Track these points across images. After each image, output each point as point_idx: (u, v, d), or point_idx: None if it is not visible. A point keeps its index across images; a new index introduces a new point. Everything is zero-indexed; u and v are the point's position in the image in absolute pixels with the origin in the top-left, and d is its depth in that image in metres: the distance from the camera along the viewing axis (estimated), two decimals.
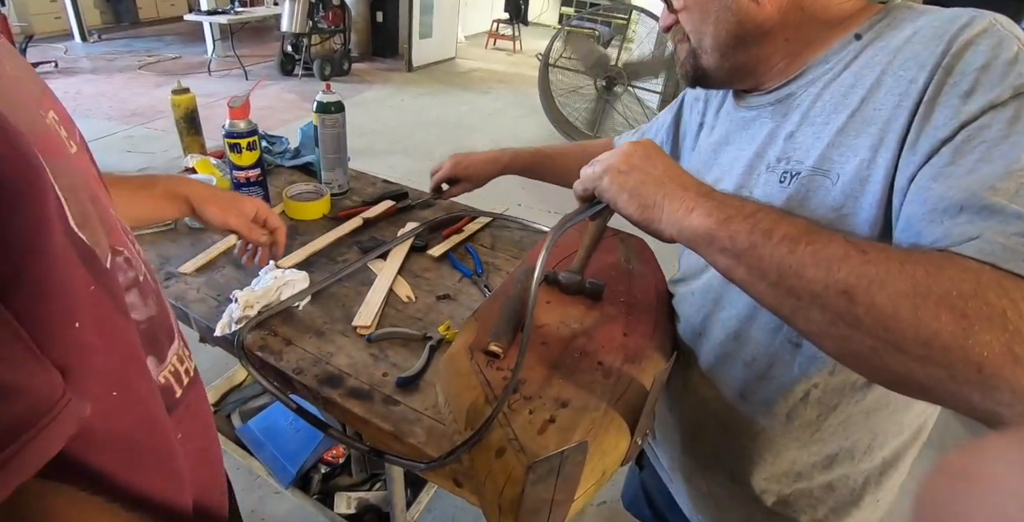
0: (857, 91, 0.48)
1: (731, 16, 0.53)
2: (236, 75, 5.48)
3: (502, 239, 1.09)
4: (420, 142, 4.28)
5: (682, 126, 0.80)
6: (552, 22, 9.82)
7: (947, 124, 0.41)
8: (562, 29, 4.32)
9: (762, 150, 0.56)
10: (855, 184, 0.47)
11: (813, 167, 0.50)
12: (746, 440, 0.63)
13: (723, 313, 0.62)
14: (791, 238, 0.40)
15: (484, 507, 0.52)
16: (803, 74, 0.54)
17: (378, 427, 0.64)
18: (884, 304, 0.35)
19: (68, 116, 0.42)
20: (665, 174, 0.49)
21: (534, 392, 0.55)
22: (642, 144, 0.53)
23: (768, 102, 0.57)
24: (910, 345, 0.34)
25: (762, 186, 0.55)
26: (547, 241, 0.52)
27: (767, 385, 0.59)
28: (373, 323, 0.81)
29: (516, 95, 5.75)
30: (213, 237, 1.00)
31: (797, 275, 0.39)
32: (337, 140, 1.15)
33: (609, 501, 1.57)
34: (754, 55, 0.56)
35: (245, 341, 0.76)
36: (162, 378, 0.46)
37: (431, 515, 1.47)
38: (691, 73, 0.61)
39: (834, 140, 0.49)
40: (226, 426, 1.42)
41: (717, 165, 0.64)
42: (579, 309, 0.67)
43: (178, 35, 7.19)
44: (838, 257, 0.38)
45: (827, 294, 0.38)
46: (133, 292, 0.42)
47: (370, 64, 6.62)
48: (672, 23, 0.60)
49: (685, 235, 0.46)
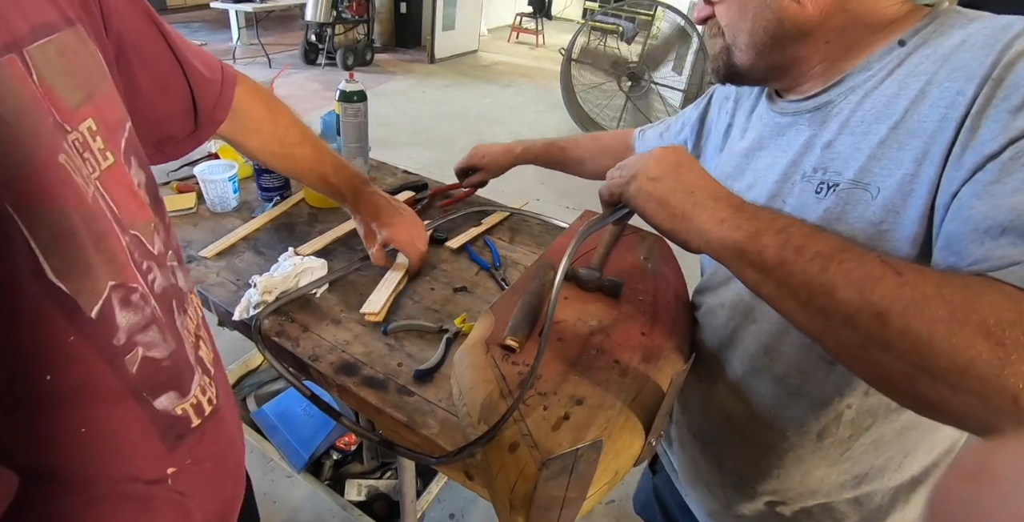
0: (900, 101, 0.46)
1: (770, 14, 0.51)
2: (260, 63, 5.52)
3: (521, 233, 1.08)
4: (440, 134, 4.28)
5: (708, 124, 0.78)
6: (575, 17, 9.75)
7: (994, 139, 0.39)
8: (585, 24, 4.28)
9: (798, 159, 0.54)
10: (897, 198, 0.45)
11: (852, 180, 0.48)
12: (773, 457, 0.61)
13: (754, 326, 0.59)
14: (824, 255, 0.39)
15: (495, 502, 0.52)
16: (843, 81, 0.52)
17: (392, 417, 0.65)
18: (919, 329, 0.34)
19: (114, 116, 0.41)
20: (696, 183, 0.48)
21: (549, 388, 0.54)
22: (673, 150, 0.51)
23: (805, 109, 0.55)
24: (944, 372, 0.33)
25: (796, 196, 0.53)
26: (572, 243, 0.51)
27: (798, 402, 0.57)
28: (382, 312, 0.81)
29: (538, 89, 5.72)
30: (234, 222, 1.01)
31: (828, 295, 0.38)
32: (359, 129, 1.15)
33: (619, 500, 1.57)
34: (791, 56, 0.53)
35: (262, 326, 0.76)
36: (179, 410, 0.45)
37: (441, 506, 1.48)
38: (723, 70, 0.58)
39: (875, 152, 0.47)
40: (241, 409, 1.44)
41: (750, 170, 0.62)
42: (597, 306, 0.67)
43: (205, 22, 7.26)
44: (872, 278, 0.36)
45: (859, 316, 0.36)
46: (150, 331, 0.41)
47: (392, 55, 6.63)
48: (708, 15, 0.57)
49: (713, 247, 0.45)
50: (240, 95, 0.69)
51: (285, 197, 1.10)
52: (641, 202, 0.50)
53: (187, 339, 0.47)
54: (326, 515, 1.47)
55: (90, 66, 0.39)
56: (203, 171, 1.02)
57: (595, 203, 0.60)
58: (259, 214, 1.04)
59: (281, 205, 1.08)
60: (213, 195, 1.03)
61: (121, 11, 0.48)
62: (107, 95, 0.41)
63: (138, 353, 0.40)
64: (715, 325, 0.65)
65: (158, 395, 0.42)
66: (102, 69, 0.41)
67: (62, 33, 0.36)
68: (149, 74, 0.54)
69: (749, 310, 0.60)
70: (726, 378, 0.64)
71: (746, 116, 0.67)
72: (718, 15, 0.56)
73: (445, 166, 1.15)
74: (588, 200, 0.99)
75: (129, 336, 0.39)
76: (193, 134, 0.65)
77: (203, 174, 1.02)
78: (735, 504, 0.68)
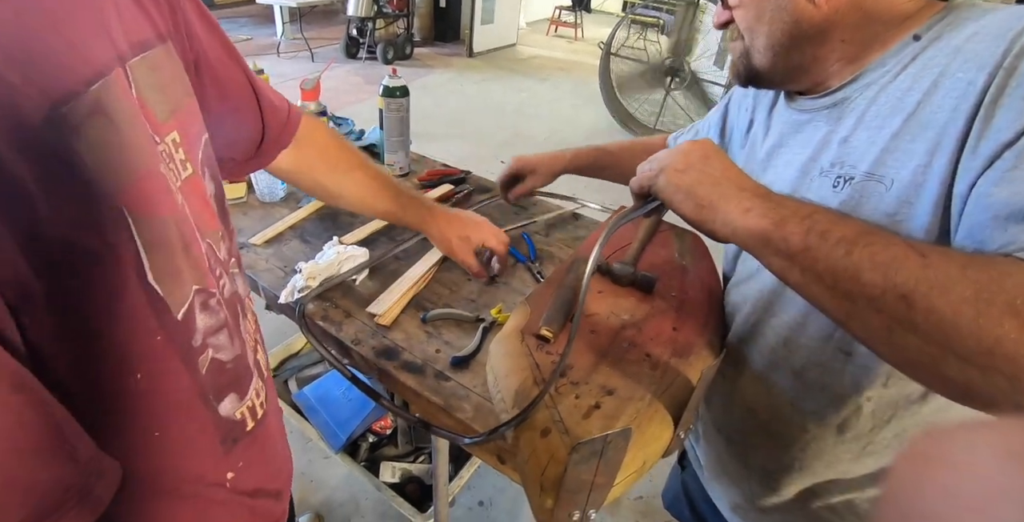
0: (913, 94, 0.47)
1: (786, 16, 0.52)
2: (303, 57, 5.65)
3: (557, 228, 1.10)
4: (478, 127, 4.31)
5: (729, 123, 0.78)
6: (615, 10, 9.60)
7: (1010, 127, 0.39)
8: (625, 17, 4.23)
9: (816, 155, 0.55)
10: (910, 190, 0.46)
11: (867, 172, 0.49)
12: (796, 451, 0.62)
13: (774, 319, 0.60)
14: (848, 240, 0.39)
15: (525, 484, 0.54)
16: (859, 77, 0.52)
17: (429, 400, 0.68)
18: (944, 310, 0.34)
19: (194, 130, 0.44)
20: (722, 174, 0.49)
21: (581, 378, 0.56)
22: (701, 143, 0.53)
23: (823, 106, 0.56)
24: (971, 353, 0.33)
25: (815, 191, 0.54)
26: (602, 235, 0.52)
27: (818, 396, 0.58)
28: (389, 315, 0.79)
29: (575, 83, 5.68)
30: (282, 211, 1.05)
31: (854, 278, 0.38)
32: (401, 124, 1.18)
33: (646, 496, 1.58)
34: (809, 56, 0.54)
35: (307, 310, 0.80)
36: (238, 414, 0.48)
37: (470, 493, 1.52)
38: (743, 73, 0.60)
39: (889, 145, 0.47)
40: (283, 391, 1.51)
41: (772, 168, 0.63)
42: (630, 301, 0.68)
43: (250, 17, 7.46)
44: (897, 260, 0.37)
45: (884, 298, 0.37)
46: (221, 334, 0.43)
47: (432, 49, 6.68)
48: (727, 20, 0.59)
49: (740, 236, 0.46)
50: (306, 122, 0.70)
51: None
52: (669, 193, 0.51)
53: (248, 343, 0.49)
54: (360, 495, 1.52)
55: (176, 81, 0.42)
56: None
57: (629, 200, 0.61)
58: (305, 204, 1.09)
59: None
60: (262, 185, 1.08)
61: (200, 34, 0.49)
62: (190, 109, 0.43)
63: (208, 355, 0.42)
64: (738, 320, 0.66)
65: (222, 398, 0.45)
66: (186, 84, 0.44)
67: (155, 49, 0.38)
68: (221, 95, 0.55)
69: (769, 304, 0.61)
70: (749, 372, 0.65)
71: (766, 113, 0.67)
72: (736, 19, 0.57)
73: (482, 159, 1.17)
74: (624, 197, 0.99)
75: (204, 338, 0.41)
76: (255, 158, 0.66)
77: None
78: (759, 498, 0.68)
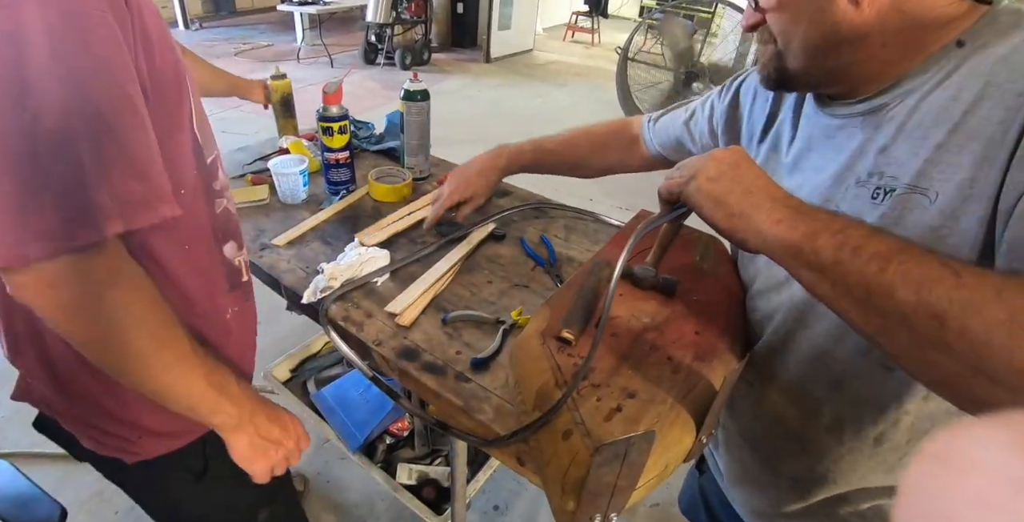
0: (959, 104, 0.45)
1: (826, 18, 0.50)
2: (323, 63, 5.73)
3: (576, 231, 1.10)
4: (494, 133, 4.32)
5: (741, 112, 0.75)
6: (632, 15, 9.61)
7: None
8: (643, 22, 4.23)
9: (851, 163, 0.54)
10: (956, 203, 0.44)
11: (910, 185, 0.47)
12: (829, 461, 0.61)
13: (808, 331, 0.59)
14: (881, 256, 0.39)
15: (547, 486, 0.54)
16: (898, 84, 0.50)
17: (449, 401, 0.68)
18: (977, 330, 0.34)
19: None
20: (754, 183, 0.48)
21: (602, 381, 0.56)
22: (732, 151, 0.52)
23: (858, 112, 0.54)
24: (1003, 375, 0.33)
25: (851, 201, 0.52)
26: (629, 242, 0.52)
27: (854, 409, 0.56)
28: (408, 315, 0.80)
29: (592, 89, 5.68)
30: (303, 213, 1.07)
31: (886, 295, 0.38)
32: (421, 127, 1.19)
33: (663, 503, 1.56)
34: (846, 60, 0.52)
35: (329, 311, 0.81)
36: (238, 261, 0.67)
37: (485, 497, 1.52)
38: (773, 76, 0.58)
39: (933, 156, 0.46)
40: (302, 392, 1.52)
41: (799, 171, 0.61)
42: (651, 304, 0.67)
43: (271, 24, 7.59)
44: (931, 278, 0.36)
45: (917, 316, 0.36)
46: (227, 192, 0.64)
47: (449, 54, 6.73)
48: (757, 22, 0.57)
49: (770, 246, 0.46)
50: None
51: (351, 191, 1.16)
52: (699, 201, 0.51)
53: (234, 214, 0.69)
54: (376, 497, 1.53)
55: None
56: (276, 165, 1.09)
57: (645, 202, 0.61)
58: (327, 206, 1.10)
59: (347, 198, 1.13)
60: (285, 187, 1.10)
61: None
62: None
63: (221, 203, 0.62)
64: (769, 330, 0.65)
65: (226, 241, 0.64)
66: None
67: None
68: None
69: (802, 315, 0.59)
70: (779, 382, 0.64)
71: (791, 112, 0.65)
72: (770, 21, 0.55)
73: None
74: (640, 199, 0.98)
75: (220, 188, 0.62)
76: None
77: (276, 168, 1.08)
78: (785, 505, 0.67)
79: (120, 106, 0.43)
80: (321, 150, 1.12)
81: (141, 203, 0.45)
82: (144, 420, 0.61)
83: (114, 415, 0.60)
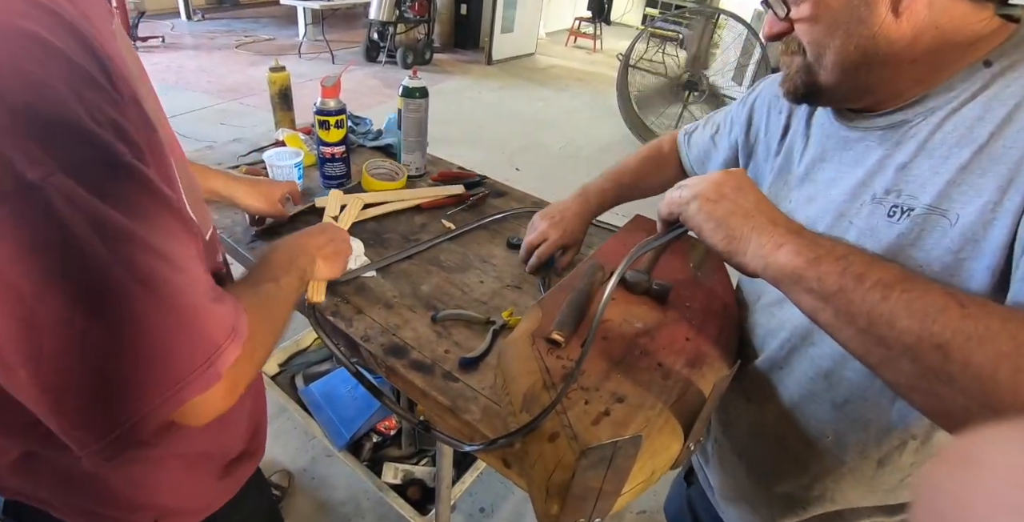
0: (985, 125, 0.44)
1: (865, 31, 0.47)
2: (324, 58, 5.72)
3: None
4: (493, 135, 4.33)
5: (755, 124, 0.75)
6: (635, 22, 9.66)
7: None
8: (645, 30, 4.25)
9: (868, 179, 0.52)
10: (977, 227, 0.43)
11: (930, 205, 0.46)
12: (828, 481, 0.60)
13: (812, 349, 0.58)
14: (885, 284, 0.38)
15: (531, 489, 0.54)
16: (922, 100, 0.49)
17: (436, 400, 0.67)
18: (982, 363, 0.33)
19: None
20: (755, 207, 0.48)
21: (592, 384, 0.55)
22: (734, 173, 0.51)
23: (877, 126, 0.53)
24: (1008, 408, 0.32)
25: (866, 218, 0.51)
26: (626, 258, 0.52)
27: (859, 430, 0.56)
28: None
29: (593, 94, 5.70)
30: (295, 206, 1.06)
31: (889, 324, 0.37)
32: (419, 124, 1.19)
33: (649, 511, 1.56)
34: (877, 75, 0.50)
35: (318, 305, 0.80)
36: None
37: (471, 498, 1.51)
38: (801, 89, 0.55)
39: (955, 177, 0.45)
40: (290, 387, 1.51)
41: (811, 182, 0.60)
42: (643, 309, 0.67)
43: (273, 18, 7.58)
44: (935, 309, 0.36)
45: (920, 347, 0.36)
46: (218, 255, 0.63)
47: (451, 55, 6.74)
48: (782, 32, 0.54)
49: (770, 271, 0.45)
50: None
51: (346, 185, 1.15)
52: (699, 222, 0.50)
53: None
54: (361, 495, 1.51)
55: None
56: (271, 157, 1.08)
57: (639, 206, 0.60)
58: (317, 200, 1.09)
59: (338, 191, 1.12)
60: (278, 179, 1.08)
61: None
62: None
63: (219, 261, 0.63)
64: (772, 345, 0.63)
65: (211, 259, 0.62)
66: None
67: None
68: None
69: (807, 333, 0.58)
70: (778, 401, 0.63)
71: (804, 121, 0.65)
72: (799, 32, 0.52)
73: (496, 166, 1.16)
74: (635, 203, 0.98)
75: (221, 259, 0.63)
76: None
77: (271, 160, 1.07)
78: (779, 520, 0.67)
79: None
80: (317, 144, 1.11)
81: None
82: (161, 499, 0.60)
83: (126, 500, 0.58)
